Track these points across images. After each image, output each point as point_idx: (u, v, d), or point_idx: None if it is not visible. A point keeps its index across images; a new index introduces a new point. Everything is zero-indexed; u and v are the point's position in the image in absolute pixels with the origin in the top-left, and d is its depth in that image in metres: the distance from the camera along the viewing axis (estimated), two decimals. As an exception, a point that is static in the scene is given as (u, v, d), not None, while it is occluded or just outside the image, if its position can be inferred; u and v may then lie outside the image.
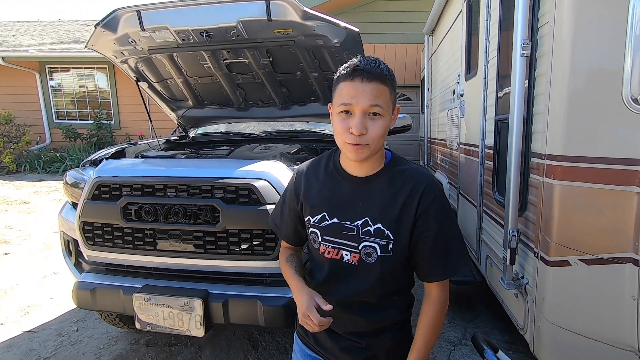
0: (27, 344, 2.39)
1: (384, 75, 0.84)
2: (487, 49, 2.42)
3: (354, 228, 0.91)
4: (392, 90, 0.87)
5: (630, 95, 1.18)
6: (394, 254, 0.90)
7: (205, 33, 1.96)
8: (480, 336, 1.23)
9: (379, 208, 0.90)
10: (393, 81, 0.87)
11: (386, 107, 0.85)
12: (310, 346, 1.06)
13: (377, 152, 0.90)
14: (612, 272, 1.39)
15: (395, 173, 0.92)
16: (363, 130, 0.83)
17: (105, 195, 1.70)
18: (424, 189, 0.89)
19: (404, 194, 0.89)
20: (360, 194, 0.93)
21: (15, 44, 9.23)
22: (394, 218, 0.89)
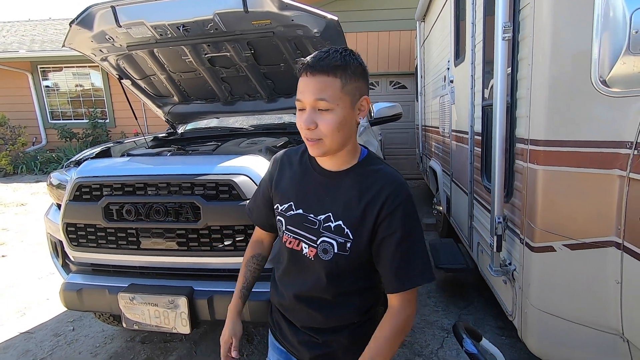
0: (24, 344, 2.42)
1: (332, 67, 0.79)
2: (474, 33, 2.38)
3: (315, 221, 0.90)
4: (348, 80, 0.81)
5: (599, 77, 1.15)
6: (351, 254, 0.87)
7: (182, 27, 1.93)
8: (461, 325, 1.22)
9: (343, 205, 0.88)
10: (348, 70, 0.81)
11: (336, 99, 0.80)
12: (277, 338, 1.07)
13: (342, 147, 0.87)
14: (596, 257, 1.38)
15: (366, 172, 0.89)
16: (311, 125, 0.81)
17: (87, 195, 1.69)
18: (391, 192, 0.85)
19: (370, 193, 0.86)
20: (328, 188, 0.91)
21: (6, 44, 9.15)
22: (356, 217, 0.86)
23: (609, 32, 1.13)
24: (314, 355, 0.97)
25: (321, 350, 0.96)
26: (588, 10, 1.16)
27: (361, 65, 0.85)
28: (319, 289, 0.92)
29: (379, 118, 2.99)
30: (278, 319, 1.05)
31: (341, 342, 0.95)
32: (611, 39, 1.13)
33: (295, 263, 0.96)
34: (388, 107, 2.95)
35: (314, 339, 0.96)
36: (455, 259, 2.83)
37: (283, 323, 1.02)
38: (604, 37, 1.13)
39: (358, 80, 0.84)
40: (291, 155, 1.02)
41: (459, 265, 2.74)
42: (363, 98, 0.85)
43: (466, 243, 2.73)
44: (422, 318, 2.58)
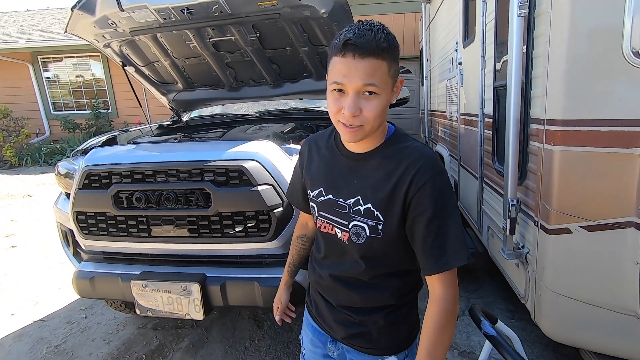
0: (38, 332, 2.45)
1: (381, 49, 0.73)
2: (485, 11, 2.31)
3: (345, 206, 0.88)
4: (392, 62, 0.77)
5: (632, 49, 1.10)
6: (384, 236, 0.85)
7: (186, 10, 1.88)
8: (478, 308, 1.21)
9: (371, 187, 0.85)
10: (393, 52, 0.77)
11: (383, 84, 0.76)
12: (312, 315, 1.07)
13: (376, 130, 0.83)
14: (614, 238, 1.36)
15: (393, 150, 0.85)
16: (356, 112, 0.76)
17: (96, 184, 1.68)
18: (419, 168, 0.80)
19: (398, 172, 0.82)
20: (356, 171, 0.89)
21: (5, 35, 9.07)
22: (385, 198, 0.83)
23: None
24: (348, 334, 0.96)
25: (356, 329, 0.95)
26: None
27: (397, 45, 0.79)
28: (356, 271, 0.91)
29: (389, 102, 2.93)
30: (316, 298, 1.05)
31: (377, 323, 0.93)
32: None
33: (332, 247, 0.95)
34: (395, 91, 2.89)
35: (351, 317, 0.95)
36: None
37: (320, 302, 1.02)
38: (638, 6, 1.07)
39: (397, 63, 0.79)
40: (318, 140, 1.00)
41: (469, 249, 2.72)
42: (399, 79, 0.82)
43: (475, 227, 2.71)
44: (431, 302, 2.58)
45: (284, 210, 1.55)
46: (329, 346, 1.02)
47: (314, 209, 0.97)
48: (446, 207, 0.81)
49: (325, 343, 1.03)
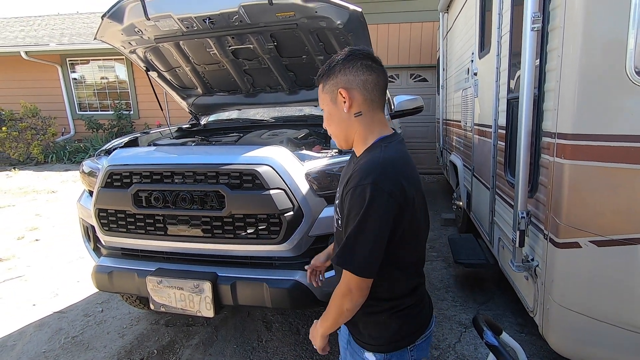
0: (57, 323, 2.56)
1: (317, 78, 0.98)
2: (500, 24, 2.32)
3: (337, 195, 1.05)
4: (325, 82, 0.96)
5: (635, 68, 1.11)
6: (344, 230, 0.93)
7: (208, 20, 1.97)
8: (481, 317, 1.22)
9: (341, 186, 1.00)
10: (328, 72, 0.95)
11: (322, 101, 0.98)
12: None
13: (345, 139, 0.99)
14: (624, 254, 1.35)
15: (362, 155, 0.96)
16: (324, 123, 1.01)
17: (117, 183, 1.77)
18: (352, 175, 0.90)
19: (347, 176, 0.95)
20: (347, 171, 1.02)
21: (37, 38, 9.51)
22: (340, 196, 0.97)
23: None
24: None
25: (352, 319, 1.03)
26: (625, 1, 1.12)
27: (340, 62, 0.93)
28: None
29: (399, 111, 2.97)
30: None
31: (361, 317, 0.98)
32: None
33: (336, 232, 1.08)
34: (409, 100, 2.92)
35: None
36: (474, 254, 2.80)
37: None
38: None
39: (336, 77, 0.94)
40: None
41: (479, 260, 2.71)
42: (339, 90, 0.93)
43: (487, 238, 2.69)
44: (440, 312, 2.58)
45: (294, 214, 1.60)
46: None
47: None
48: (354, 217, 0.86)
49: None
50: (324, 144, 2.21)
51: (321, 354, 1.05)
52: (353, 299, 0.90)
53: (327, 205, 1.68)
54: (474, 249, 2.90)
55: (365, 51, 0.95)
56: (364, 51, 0.95)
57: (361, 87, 0.92)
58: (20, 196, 5.98)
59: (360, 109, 0.94)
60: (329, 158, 1.79)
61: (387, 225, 0.85)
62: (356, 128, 0.95)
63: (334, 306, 0.95)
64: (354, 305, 0.91)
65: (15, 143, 8.41)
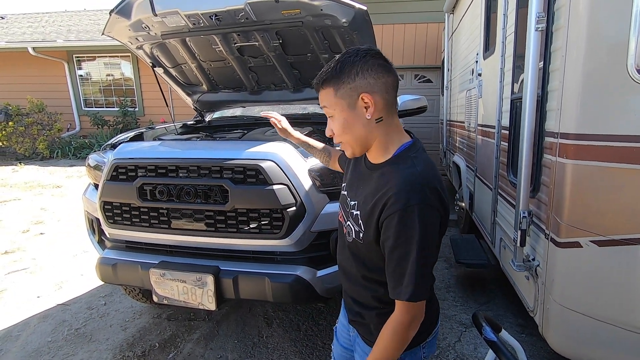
0: (60, 315, 2.59)
1: (324, 80, 0.88)
2: (505, 24, 2.32)
3: (348, 205, 0.98)
4: (338, 86, 0.86)
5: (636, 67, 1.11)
6: (364, 244, 0.91)
7: (214, 16, 1.98)
8: (481, 314, 1.23)
9: (364, 198, 0.91)
10: (336, 78, 0.86)
11: (333, 105, 0.88)
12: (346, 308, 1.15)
13: (364, 145, 0.91)
14: (625, 254, 1.35)
15: (390, 169, 0.89)
16: (329, 132, 0.94)
17: (123, 176, 1.79)
18: (394, 195, 0.81)
19: (380, 193, 0.85)
20: (364, 178, 0.97)
21: (45, 34, 9.58)
22: (367, 212, 0.88)
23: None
24: (353, 319, 1.06)
25: (358, 318, 1.04)
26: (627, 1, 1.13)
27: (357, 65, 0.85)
28: (350, 263, 1.01)
29: (403, 110, 2.96)
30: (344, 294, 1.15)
31: (372, 319, 0.98)
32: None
33: (341, 235, 1.06)
34: (413, 100, 2.91)
35: (353, 305, 1.05)
36: (476, 254, 2.81)
37: (345, 297, 1.12)
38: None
39: (354, 81, 0.85)
40: None
41: (480, 260, 2.71)
42: (362, 95, 0.85)
43: (488, 239, 2.69)
44: (440, 312, 2.57)
45: (296, 209, 1.61)
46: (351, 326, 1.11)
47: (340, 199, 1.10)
48: (408, 242, 0.80)
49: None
50: (328, 141, 2.23)
51: None
52: (418, 323, 0.87)
53: (329, 201, 1.70)
54: (475, 249, 2.90)
55: (375, 50, 0.88)
56: (375, 50, 0.88)
57: (383, 90, 0.86)
58: (26, 190, 6.04)
59: (382, 114, 0.87)
60: (332, 155, 1.81)
61: (438, 241, 0.85)
62: (376, 135, 0.89)
63: (396, 341, 0.86)
64: (417, 328, 0.88)
65: (22, 138, 8.49)
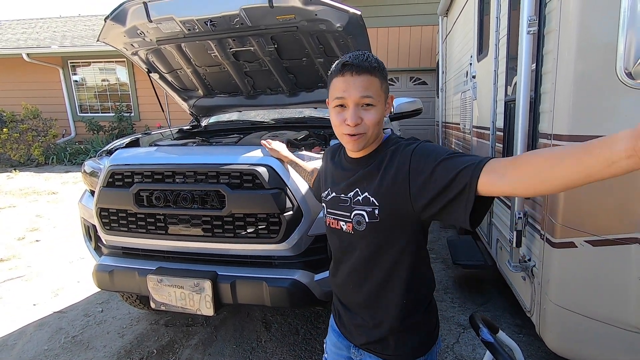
0: (57, 322, 2.57)
1: (373, 67, 0.87)
2: (498, 27, 2.35)
3: (347, 199, 0.97)
4: (383, 80, 0.91)
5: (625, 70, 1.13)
6: (382, 220, 0.90)
7: (209, 22, 1.99)
8: (478, 316, 1.24)
9: (365, 179, 0.95)
10: (382, 71, 0.91)
11: (377, 96, 0.89)
12: (336, 322, 1.13)
13: (375, 139, 0.95)
14: (619, 253, 1.37)
15: (383, 149, 0.96)
16: (358, 121, 0.88)
17: (119, 182, 1.79)
18: (402, 149, 0.90)
19: (385, 161, 0.93)
20: (355, 171, 0.99)
21: (39, 40, 9.56)
22: (377, 184, 0.92)
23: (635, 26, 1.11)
24: (367, 341, 1.01)
25: (374, 336, 0.99)
26: (615, 4, 1.15)
27: (385, 68, 0.95)
28: (364, 259, 0.97)
29: (398, 113, 2.99)
30: (337, 306, 1.11)
31: (393, 329, 0.96)
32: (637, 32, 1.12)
33: (340, 241, 1.02)
34: (408, 102, 2.94)
35: (366, 322, 1.00)
36: (473, 255, 2.82)
37: (340, 308, 1.08)
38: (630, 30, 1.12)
39: (387, 81, 0.94)
40: (334, 149, 1.13)
41: (477, 261, 2.72)
42: (390, 96, 0.96)
43: (485, 240, 2.71)
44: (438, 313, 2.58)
45: (293, 213, 1.62)
46: (352, 350, 1.07)
47: (324, 208, 1.06)
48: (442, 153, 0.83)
49: (349, 347, 1.08)
50: (323, 145, 2.24)
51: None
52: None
53: (326, 205, 1.70)
54: (472, 250, 2.91)
55: None
56: None
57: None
58: (21, 197, 6.00)
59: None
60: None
61: None
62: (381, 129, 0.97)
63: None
64: None
65: (16, 144, 8.45)
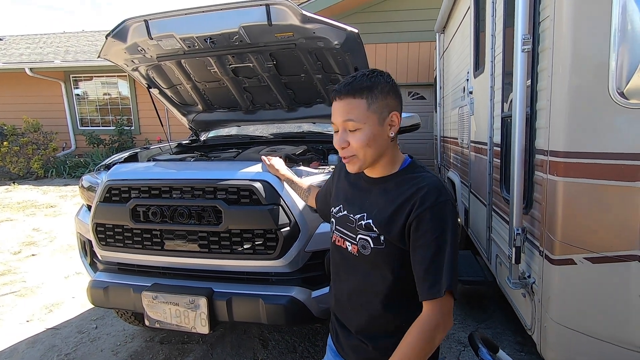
0: (50, 340, 2.52)
1: (357, 90, 0.87)
2: (493, 45, 2.39)
3: (353, 220, 0.97)
4: (373, 100, 0.87)
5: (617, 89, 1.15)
6: (387, 247, 0.90)
7: (209, 39, 2.02)
8: (477, 335, 1.22)
9: (377, 208, 0.93)
10: (372, 91, 0.87)
11: (363, 118, 0.87)
12: (333, 340, 1.11)
13: (377, 160, 0.93)
14: (618, 271, 1.35)
15: (404, 179, 0.93)
16: (343, 144, 0.90)
17: (116, 197, 1.78)
18: (423, 195, 0.85)
19: (402, 197, 0.89)
20: (369, 192, 0.98)
21: (42, 55, 9.69)
22: (386, 218, 0.89)
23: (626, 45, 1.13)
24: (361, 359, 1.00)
25: (369, 355, 0.98)
26: (606, 24, 1.17)
27: (389, 84, 0.90)
28: (366, 284, 0.96)
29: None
30: (335, 325, 1.09)
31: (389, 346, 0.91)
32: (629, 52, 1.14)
33: (343, 261, 1.01)
34: (406, 118, 2.95)
35: (364, 344, 0.98)
36: (473, 271, 2.79)
37: (338, 328, 1.07)
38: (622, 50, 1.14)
39: (386, 98, 0.89)
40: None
41: (477, 277, 2.69)
42: (392, 114, 0.90)
43: (484, 255, 2.69)
44: (438, 330, 2.54)
45: (290, 229, 1.61)
46: None
47: (333, 223, 1.05)
48: (444, 236, 0.83)
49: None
50: (322, 160, 2.24)
51: None
52: (447, 325, 0.85)
53: (323, 221, 1.69)
54: (472, 266, 2.89)
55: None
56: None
57: (401, 111, 0.93)
58: (19, 211, 5.97)
59: (395, 133, 0.93)
60: (326, 174, 1.82)
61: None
62: (390, 151, 0.94)
63: (423, 347, 0.83)
64: (447, 332, 0.85)
65: (16, 158, 8.46)
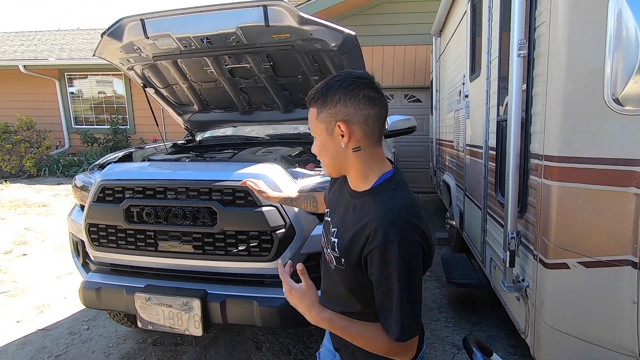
0: (41, 341, 2.49)
1: (311, 97, 0.87)
2: (490, 49, 2.40)
3: (329, 232, 0.96)
4: (321, 108, 0.83)
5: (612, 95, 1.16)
6: (347, 269, 0.87)
7: (206, 39, 2.01)
8: (471, 339, 1.22)
9: (344, 227, 0.89)
10: (326, 99, 0.82)
11: (314, 127, 0.87)
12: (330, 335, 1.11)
13: (338, 171, 0.91)
14: (612, 275, 1.36)
15: (369, 200, 0.86)
16: (313, 150, 0.92)
17: (109, 197, 1.76)
18: (375, 230, 0.78)
19: (359, 225, 0.83)
20: (346, 205, 0.94)
21: (37, 52, 9.59)
22: (346, 242, 0.86)
23: (621, 52, 1.15)
24: (337, 346, 1.03)
25: (341, 345, 1.00)
26: (601, 30, 1.18)
27: (343, 91, 0.81)
28: (336, 289, 0.95)
29: (392, 130, 3.01)
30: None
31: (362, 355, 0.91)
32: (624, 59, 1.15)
33: (324, 268, 1.02)
34: (402, 120, 2.97)
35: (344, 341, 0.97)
36: (467, 274, 2.80)
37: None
38: (617, 56, 1.15)
39: (335, 107, 0.82)
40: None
41: (472, 280, 2.70)
42: (337, 123, 0.82)
43: (479, 258, 2.70)
44: (432, 333, 2.55)
45: (286, 231, 1.60)
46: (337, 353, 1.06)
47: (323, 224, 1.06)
48: (390, 279, 0.77)
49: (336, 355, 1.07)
50: (317, 162, 2.24)
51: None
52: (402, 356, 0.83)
53: (318, 223, 1.69)
54: (467, 268, 2.89)
55: (366, 79, 0.84)
56: (365, 79, 0.83)
57: (362, 122, 0.82)
58: (11, 209, 5.90)
59: (360, 144, 0.84)
60: (321, 176, 1.81)
61: (421, 273, 0.82)
62: (353, 163, 0.87)
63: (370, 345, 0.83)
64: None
65: (9, 156, 8.36)
